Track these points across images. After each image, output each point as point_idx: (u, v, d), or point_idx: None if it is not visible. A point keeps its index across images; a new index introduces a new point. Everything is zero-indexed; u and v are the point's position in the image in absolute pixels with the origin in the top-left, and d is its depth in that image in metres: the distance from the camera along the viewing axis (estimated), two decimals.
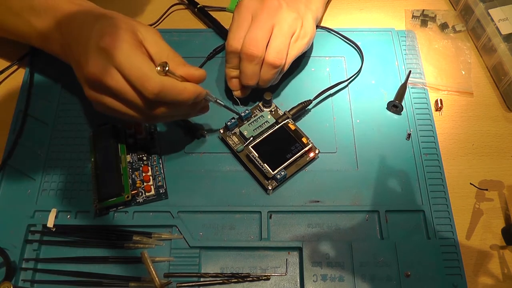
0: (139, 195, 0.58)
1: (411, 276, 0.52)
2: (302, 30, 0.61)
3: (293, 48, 0.60)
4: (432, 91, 0.67)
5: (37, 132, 0.62)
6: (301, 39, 0.61)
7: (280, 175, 0.57)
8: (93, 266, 0.54)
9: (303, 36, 0.61)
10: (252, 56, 0.57)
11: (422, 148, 0.61)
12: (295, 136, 0.59)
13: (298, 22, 0.60)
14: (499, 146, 0.63)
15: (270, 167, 0.57)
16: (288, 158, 0.58)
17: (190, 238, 0.55)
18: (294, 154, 0.58)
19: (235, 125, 0.61)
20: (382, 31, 0.72)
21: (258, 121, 0.61)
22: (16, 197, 0.58)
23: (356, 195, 0.58)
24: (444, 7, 0.76)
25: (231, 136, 0.61)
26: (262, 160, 0.57)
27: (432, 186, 0.59)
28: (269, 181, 0.58)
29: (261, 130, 0.60)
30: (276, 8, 0.59)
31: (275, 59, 0.58)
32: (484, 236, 0.56)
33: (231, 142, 0.60)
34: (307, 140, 0.59)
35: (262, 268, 0.54)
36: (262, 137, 0.59)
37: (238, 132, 0.61)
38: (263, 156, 0.58)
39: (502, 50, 0.66)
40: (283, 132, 0.60)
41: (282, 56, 0.58)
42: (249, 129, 0.60)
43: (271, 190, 0.57)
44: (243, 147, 0.59)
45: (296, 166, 0.59)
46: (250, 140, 0.59)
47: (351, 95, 0.66)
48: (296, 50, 0.61)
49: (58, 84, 0.66)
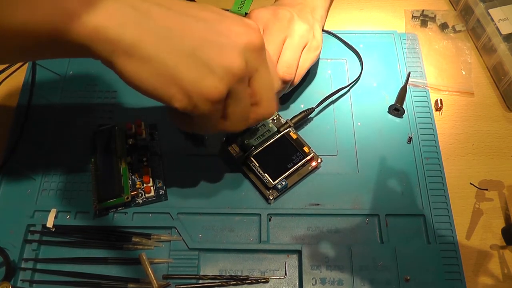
0: (138, 196, 0.55)
1: (411, 281, 0.50)
2: (314, 41, 0.57)
3: (306, 60, 0.57)
4: (433, 92, 0.64)
5: (37, 131, 0.60)
6: (314, 51, 0.57)
7: (281, 185, 0.54)
8: (92, 267, 0.52)
9: (315, 48, 0.58)
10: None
11: (423, 151, 0.59)
12: (296, 145, 0.56)
13: (310, 34, 0.57)
14: (499, 146, 0.61)
15: (271, 176, 0.54)
16: (289, 167, 0.55)
17: (189, 240, 0.53)
18: (296, 163, 0.55)
19: (236, 134, 0.58)
20: (384, 34, 0.69)
21: (260, 130, 0.58)
22: (16, 197, 0.56)
23: (357, 198, 0.56)
24: (444, 7, 0.73)
25: (232, 145, 0.58)
26: (263, 170, 0.54)
27: (432, 190, 0.56)
28: (270, 190, 0.55)
29: (263, 139, 0.57)
30: (289, 20, 0.55)
31: (285, 74, 0.54)
32: (484, 236, 0.54)
33: (232, 152, 0.57)
34: (308, 149, 0.56)
35: (261, 271, 0.52)
36: (263, 146, 0.56)
37: (240, 141, 0.57)
38: (263, 165, 0.55)
39: (502, 50, 0.63)
40: (284, 141, 0.57)
41: (292, 71, 0.54)
42: (251, 138, 0.57)
43: (272, 200, 0.55)
44: (245, 157, 0.56)
45: (297, 176, 0.56)
46: (252, 149, 0.56)
47: (352, 98, 0.64)
48: (308, 62, 0.57)
49: (59, 84, 0.64)
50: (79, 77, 0.64)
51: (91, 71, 0.64)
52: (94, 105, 0.62)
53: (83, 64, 0.65)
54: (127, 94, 0.62)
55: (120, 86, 0.63)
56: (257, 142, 0.57)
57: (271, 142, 0.57)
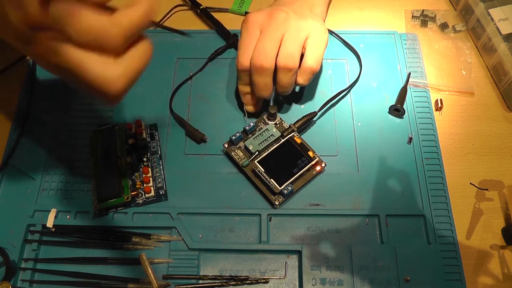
0: (138, 196, 0.55)
1: (411, 281, 0.50)
2: (317, 27, 0.56)
3: (318, 45, 0.55)
4: (433, 92, 0.64)
5: (38, 131, 0.59)
6: (322, 35, 0.56)
7: (287, 190, 0.53)
8: (92, 267, 0.51)
9: (323, 32, 0.56)
10: (261, 68, 0.53)
11: (423, 152, 0.58)
12: (301, 150, 0.56)
13: (310, 26, 0.55)
14: (499, 146, 0.60)
15: (276, 182, 0.53)
16: (295, 172, 0.54)
17: (189, 240, 0.52)
18: (301, 168, 0.54)
19: (240, 139, 0.57)
20: (384, 34, 0.69)
21: (263, 134, 0.57)
22: (16, 196, 0.55)
23: (357, 198, 0.55)
24: (444, 7, 0.73)
25: (235, 150, 0.57)
26: (269, 175, 0.54)
27: (433, 190, 0.56)
28: (276, 196, 0.54)
29: (267, 144, 0.57)
30: (284, 19, 0.54)
31: (286, 61, 0.53)
32: (484, 236, 0.54)
33: (236, 157, 0.57)
34: (313, 154, 0.56)
35: (261, 271, 0.51)
36: (268, 152, 0.56)
37: (243, 146, 0.57)
38: (269, 171, 0.54)
39: (502, 50, 0.63)
40: (289, 146, 0.56)
41: (294, 60, 0.53)
42: (255, 143, 0.56)
43: (278, 205, 0.54)
44: (249, 162, 0.56)
45: (302, 180, 0.55)
46: (256, 154, 0.56)
47: (352, 98, 0.63)
48: (323, 45, 0.56)
49: (59, 84, 0.63)
50: None
51: None
52: (94, 105, 0.61)
53: None
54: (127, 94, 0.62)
55: None
56: (261, 147, 0.56)
57: (276, 147, 0.56)
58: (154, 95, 0.62)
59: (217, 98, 0.62)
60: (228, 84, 0.62)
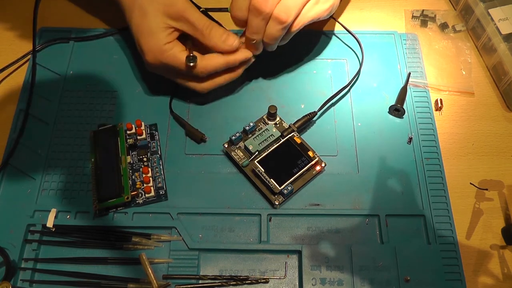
0: (139, 196, 0.55)
1: (411, 281, 0.50)
2: None
3: (311, 10, 0.54)
4: (433, 92, 0.64)
5: (38, 131, 0.59)
6: (322, 3, 0.55)
7: (287, 190, 0.53)
8: (92, 267, 0.51)
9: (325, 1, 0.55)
10: (259, 10, 0.52)
11: (423, 152, 0.58)
12: (301, 149, 0.56)
13: None
14: (499, 146, 0.60)
15: (276, 182, 0.53)
16: (294, 172, 0.54)
17: (189, 240, 0.52)
18: (301, 168, 0.54)
19: (239, 139, 0.57)
20: (384, 34, 0.68)
21: (263, 134, 0.57)
22: (16, 196, 0.55)
23: (357, 198, 0.55)
24: (444, 7, 0.73)
25: (235, 150, 0.57)
26: (269, 175, 0.53)
27: (432, 190, 0.56)
28: (276, 196, 0.54)
29: (267, 144, 0.56)
30: None
31: (281, 13, 0.52)
32: (484, 236, 0.54)
33: (236, 157, 0.56)
34: (313, 154, 0.55)
35: (261, 271, 0.51)
36: (268, 152, 0.56)
37: (243, 146, 0.57)
38: (269, 171, 0.54)
39: (502, 50, 0.62)
40: (288, 146, 0.56)
41: (290, 13, 0.52)
42: (254, 143, 0.56)
43: (278, 205, 0.54)
44: (249, 162, 0.56)
45: (302, 180, 0.55)
46: (256, 154, 0.56)
47: (352, 98, 0.63)
48: (313, 13, 0.55)
49: (59, 84, 0.63)
50: (79, 77, 0.63)
51: (91, 71, 0.63)
52: (94, 105, 0.61)
53: (83, 64, 0.64)
54: (127, 94, 0.62)
55: (120, 86, 0.62)
56: (261, 147, 0.56)
57: (275, 147, 0.56)
58: (154, 95, 0.62)
59: (217, 98, 0.62)
60: (228, 84, 0.62)
